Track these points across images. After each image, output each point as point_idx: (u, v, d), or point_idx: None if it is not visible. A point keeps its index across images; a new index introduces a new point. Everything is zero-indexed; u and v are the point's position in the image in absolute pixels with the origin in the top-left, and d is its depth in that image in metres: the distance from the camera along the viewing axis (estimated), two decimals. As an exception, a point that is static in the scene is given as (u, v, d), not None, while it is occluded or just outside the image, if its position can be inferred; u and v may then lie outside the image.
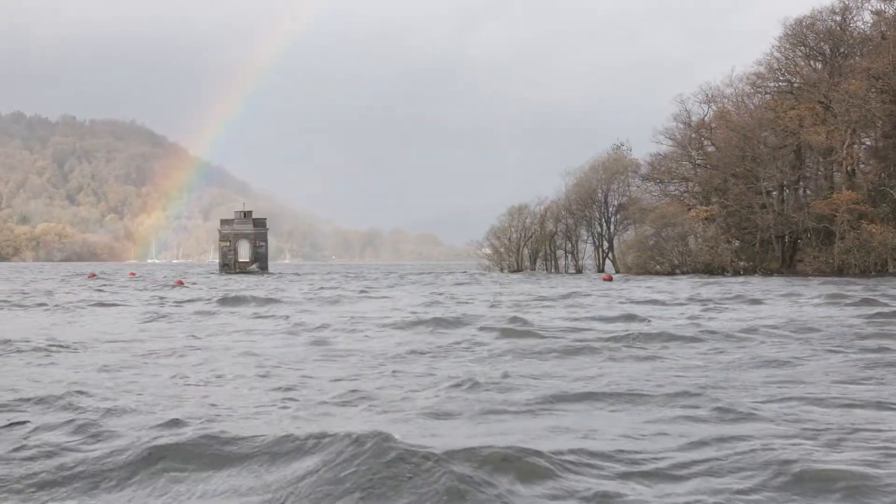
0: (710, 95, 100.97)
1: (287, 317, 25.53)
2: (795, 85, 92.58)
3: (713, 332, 18.57)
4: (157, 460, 6.84)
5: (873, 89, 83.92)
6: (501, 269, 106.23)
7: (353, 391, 10.57)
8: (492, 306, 30.86)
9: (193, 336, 19.37)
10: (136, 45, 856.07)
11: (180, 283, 60.76)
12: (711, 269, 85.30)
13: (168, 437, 7.41)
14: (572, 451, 7.06)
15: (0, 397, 10.11)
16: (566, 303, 32.42)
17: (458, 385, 10.85)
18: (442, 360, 13.97)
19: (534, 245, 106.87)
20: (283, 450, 6.91)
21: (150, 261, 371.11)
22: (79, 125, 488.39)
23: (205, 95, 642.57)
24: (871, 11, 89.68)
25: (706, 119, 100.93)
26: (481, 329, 19.86)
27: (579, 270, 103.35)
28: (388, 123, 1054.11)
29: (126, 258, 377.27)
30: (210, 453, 6.98)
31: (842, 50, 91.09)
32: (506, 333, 18.56)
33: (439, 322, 21.33)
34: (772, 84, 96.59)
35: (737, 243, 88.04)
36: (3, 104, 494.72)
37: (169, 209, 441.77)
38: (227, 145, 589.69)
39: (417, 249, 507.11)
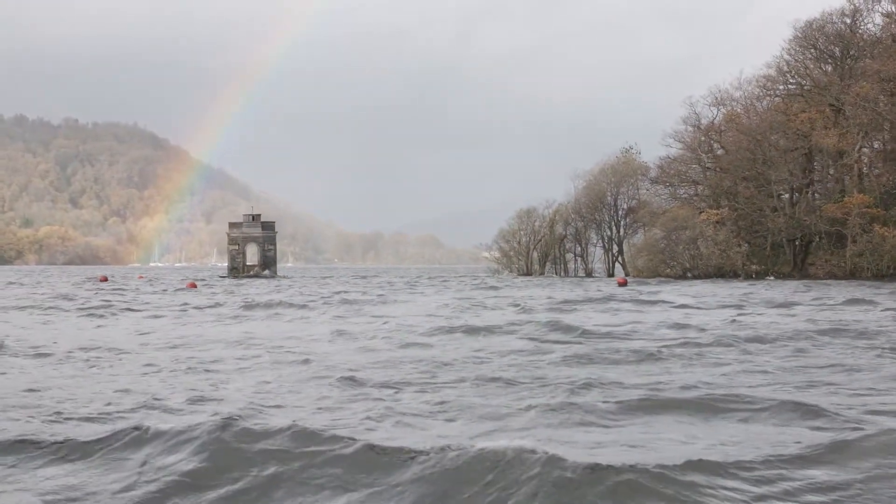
0: (719, 98, 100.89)
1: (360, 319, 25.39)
2: (806, 88, 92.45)
3: (776, 336, 18.47)
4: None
5: (884, 92, 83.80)
6: (510, 273, 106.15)
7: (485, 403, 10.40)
8: (522, 311, 30.73)
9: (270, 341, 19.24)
10: (138, 48, 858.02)
11: (193, 286, 60.66)
12: (723, 273, 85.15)
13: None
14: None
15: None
16: (602, 307, 32.23)
17: (573, 391, 10.72)
18: (529, 368, 13.81)
19: (543, 248, 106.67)
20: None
21: (152, 264, 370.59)
22: (81, 128, 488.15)
23: (207, 98, 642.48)
24: (882, 14, 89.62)
25: (715, 122, 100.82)
26: (533, 334, 19.76)
27: (589, 274, 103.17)
28: (389, 125, 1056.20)
29: (129, 262, 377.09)
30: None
31: (852, 52, 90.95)
32: (566, 339, 18.44)
33: (491, 329, 21.17)
34: (781, 87, 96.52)
35: (745, 246, 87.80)
36: (6, 107, 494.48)
37: (171, 212, 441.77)
38: (229, 148, 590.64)
39: (419, 252, 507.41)
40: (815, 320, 24.13)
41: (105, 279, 79.37)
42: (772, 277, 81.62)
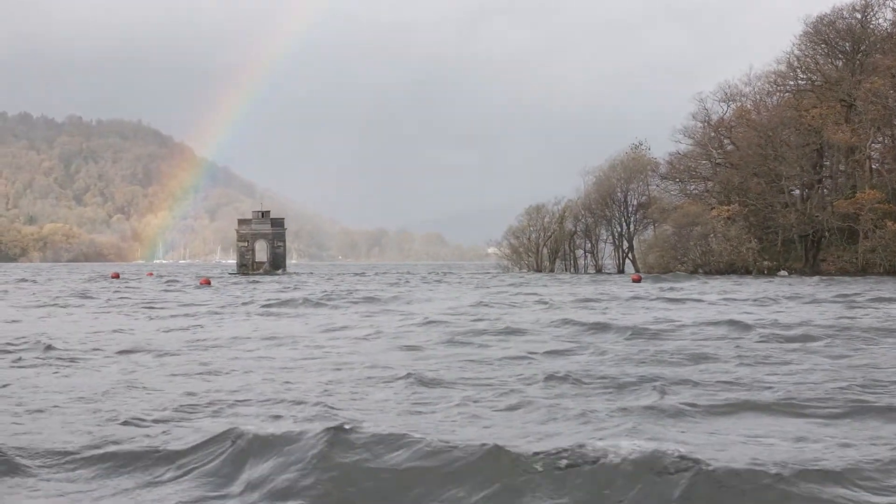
0: (728, 94, 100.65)
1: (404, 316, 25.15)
2: (816, 83, 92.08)
3: (821, 333, 18.33)
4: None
5: (895, 88, 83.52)
6: (520, 269, 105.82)
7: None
8: (550, 307, 30.58)
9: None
10: (143, 45, 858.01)
11: (207, 283, 60.55)
12: (734, 269, 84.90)
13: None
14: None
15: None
16: (636, 305, 32.01)
17: (661, 391, 10.58)
18: (593, 366, 13.63)
19: (553, 245, 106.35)
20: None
21: (156, 261, 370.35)
22: (85, 125, 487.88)
23: (211, 95, 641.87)
24: (893, 9, 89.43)
25: (725, 117, 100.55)
26: (581, 334, 19.61)
27: (599, 270, 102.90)
28: (393, 123, 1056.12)
29: (133, 259, 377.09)
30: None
31: (863, 48, 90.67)
32: (618, 339, 18.29)
33: (532, 330, 20.97)
34: (791, 83, 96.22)
35: (755, 242, 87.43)
36: (10, 105, 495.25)
37: (175, 209, 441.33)
38: (233, 145, 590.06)
39: (424, 249, 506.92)
40: (852, 317, 24.03)
41: (117, 276, 79.27)
42: (784, 273, 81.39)
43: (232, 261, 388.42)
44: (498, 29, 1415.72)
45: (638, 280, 65.11)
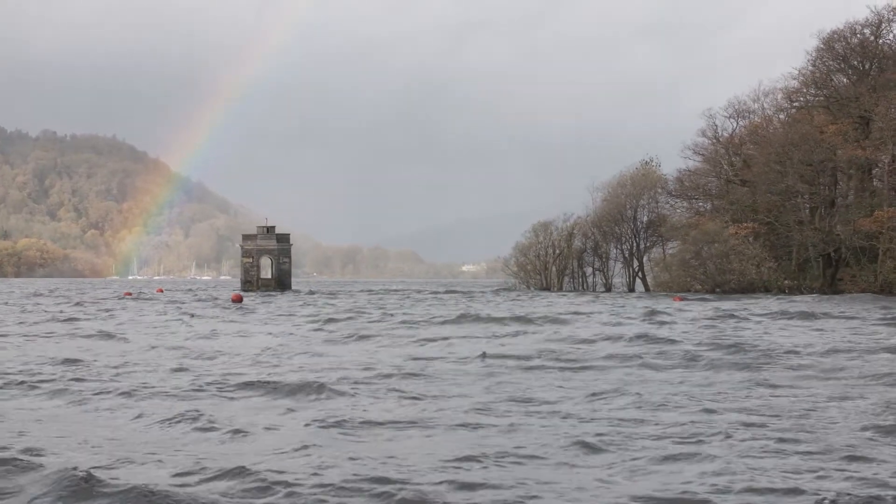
0: (738, 110, 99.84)
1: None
2: (833, 99, 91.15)
3: None
4: None
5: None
6: (528, 287, 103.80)
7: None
8: (654, 320, 29.02)
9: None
10: (118, 60, 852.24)
11: (239, 300, 58.54)
12: (753, 288, 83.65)
13: None
14: None
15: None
16: (721, 324, 30.43)
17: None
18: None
19: (561, 262, 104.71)
20: None
21: (130, 277, 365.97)
22: (59, 140, 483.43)
23: (186, 111, 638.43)
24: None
25: (735, 134, 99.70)
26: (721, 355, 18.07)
27: (608, 289, 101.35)
28: (370, 140, 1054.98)
29: (107, 275, 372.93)
30: None
31: (876, 63, 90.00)
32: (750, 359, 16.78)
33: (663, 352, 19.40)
34: (803, 99, 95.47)
35: (770, 261, 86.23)
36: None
37: (149, 225, 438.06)
38: (208, 161, 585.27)
39: (398, 267, 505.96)
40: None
41: (129, 294, 76.84)
42: (810, 293, 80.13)
43: (206, 277, 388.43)
44: (479, 46, 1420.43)
45: (680, 300, 63.47)
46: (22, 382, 15.63)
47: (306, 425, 11.24)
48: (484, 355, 19.97)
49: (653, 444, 9.69)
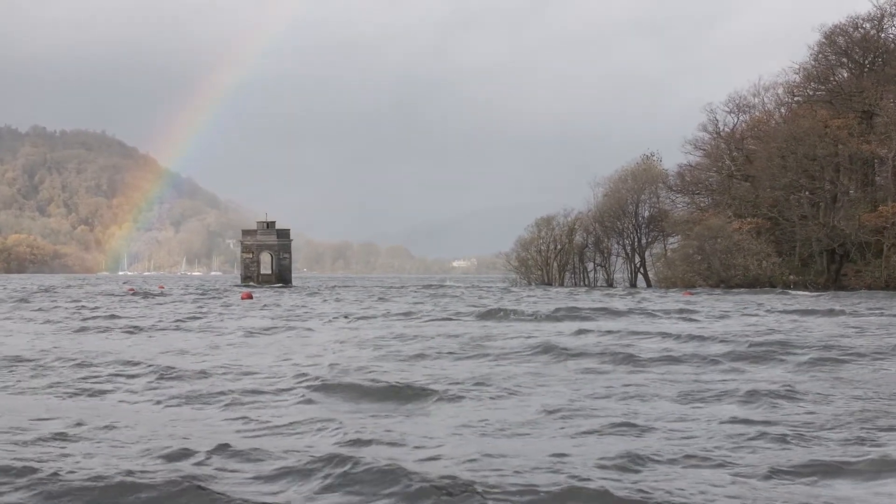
0: (739, 105, 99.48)
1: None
2: (835, 93, 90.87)
3: None
4: None
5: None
6: (529, 283, 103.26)
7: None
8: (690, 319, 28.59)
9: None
10: (107, 56, 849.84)
11: (249, 297, 58.01)
12: (758, 283, 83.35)
13: None
14: None
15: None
16: (757, 320, 30.10)
17: None
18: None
19: (563, 258, 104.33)
20: None
21: (120, 273, 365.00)
22: (49, 136, 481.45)
23: (176, 107, 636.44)
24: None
25: (736, 128, 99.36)
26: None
27: (610, 284, 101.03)
28: (358, 136, 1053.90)
29: (97, 270, 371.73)
30: None
31: (878, 58, 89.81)
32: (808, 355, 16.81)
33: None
34: (804, 93, 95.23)
35: (773, 256, 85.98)
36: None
37: (139, 221, 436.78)
38: (198, 157, 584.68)
39: (389, 262, 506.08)
40: None
41: (133, 290, 76.15)
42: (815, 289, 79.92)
43: (197, 273, 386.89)
44: (470, 43, 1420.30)
45: (689, 295, 63.29)
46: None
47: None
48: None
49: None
